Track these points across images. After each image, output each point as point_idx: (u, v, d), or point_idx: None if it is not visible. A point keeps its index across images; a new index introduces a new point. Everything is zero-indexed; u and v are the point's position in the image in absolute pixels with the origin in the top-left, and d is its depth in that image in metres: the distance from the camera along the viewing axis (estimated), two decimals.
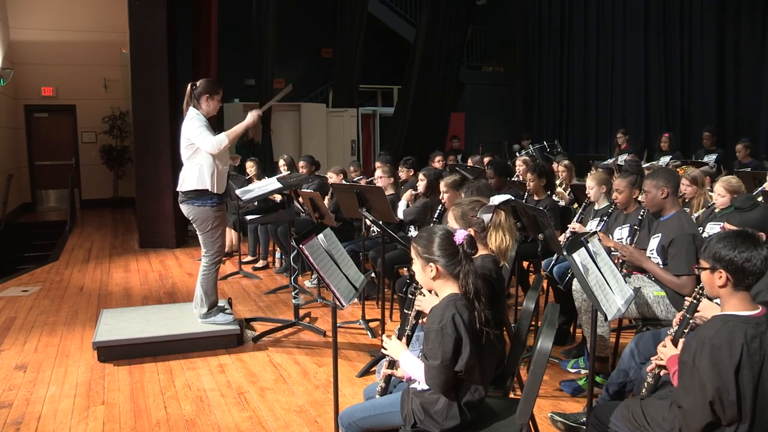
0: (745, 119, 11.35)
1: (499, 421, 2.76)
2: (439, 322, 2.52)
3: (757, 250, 2.46)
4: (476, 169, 7.69)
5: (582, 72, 14.56)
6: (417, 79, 13.99)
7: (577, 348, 4.83)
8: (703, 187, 5.96)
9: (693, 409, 2.44)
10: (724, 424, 2.44)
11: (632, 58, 13.31)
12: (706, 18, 11.86)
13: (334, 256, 3.39)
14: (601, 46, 14.06)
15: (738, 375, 2.39)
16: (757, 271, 2.46)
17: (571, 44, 14.83)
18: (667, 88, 12.72)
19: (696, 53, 12.13)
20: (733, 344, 2.40)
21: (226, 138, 4.91)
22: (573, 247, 3.11)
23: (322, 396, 4.27)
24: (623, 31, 13.51)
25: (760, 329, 2.45)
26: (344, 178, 7.61)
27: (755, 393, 2.41)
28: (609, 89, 13.95)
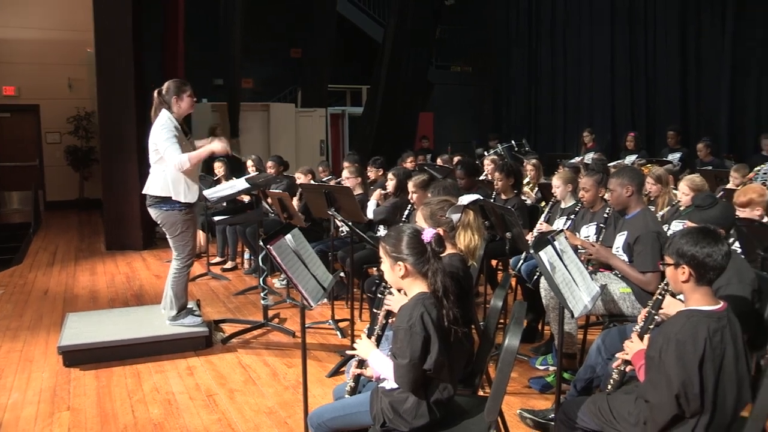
0: (707, 119, 11.57)
1: (468, 419, 2.78)
2: (408, 320, 2.52)
3: (718, 246, 2.52)
4: (445, 169, 7.72)
5: (549, 72, 14.71)
6: (386, 79, 13.99)
7: (546, 345, 4.87)
8: (668, 185, 6.06)
9: (660, 403, 2.49)
10: (688, 416, 2.49)
11: (598, 59, 13.50)
12: (669, 21, 12.10)
13: (302, 256, 3.37)
14: (568, 47, 14.23)
15: (701, 368, 2.44)
16: (718, 266, 2.52)
17: (538, 45, 14.97)
18: (632, 89, 12.92)
19: (660, 55, 12.35)
20: (697, 339, 2.45)
21: (188, 162, 4.80)
22: (540, 245, 3.14)
23: (292, 397, 4.25)
24: (590, 33, 13.68)
25: (722, 323, 2.51)
26: (313, 178, 7.59)
27: (716, 385, 2.47)
28: (576, 89, 14.12)
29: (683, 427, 2.52)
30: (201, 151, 4.95)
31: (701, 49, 11.68)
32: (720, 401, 2.50)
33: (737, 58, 10.98)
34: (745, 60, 10.91)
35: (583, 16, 13.85)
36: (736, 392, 2.53)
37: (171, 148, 4.77)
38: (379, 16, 16.50)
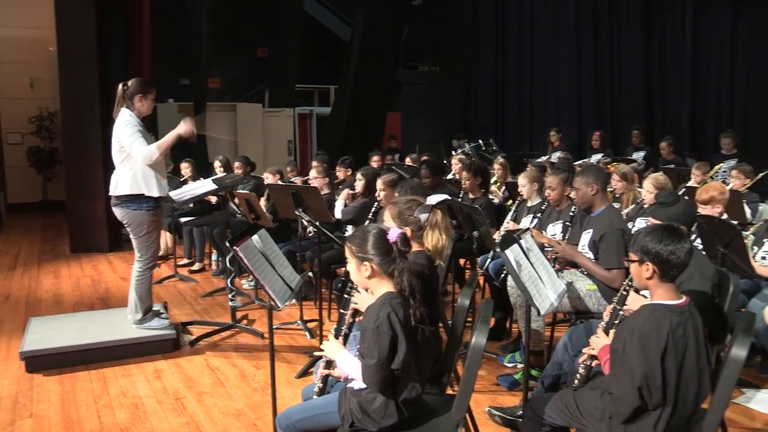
0: (670, 119, 11.78)
1: (436, 417, 2.78)
2: (375, 320, 2.52)
3: (681, 243, 2.56)
4: (413, 168, 7.74)
5: (516, 72, 14.83)
6: (353, 78, 13.99)
7: (514, 343, 4.91)
8: (633, 183, 6.15)
9: (623, 396, 2.53)
10: (650, 408, 2.54)
11: (564, 60, 13.65)
12: (632, 24, 12.31)
13: (269, 257, 3.36)
14: (534, 48, 14.36)
15: (664, 361, 2.49)
16: (681, 263, 2.57)
17: (505, 45, 15.08)
18: (597, 90, 13.09)
19: (624, 57, 12.55)
20: (660, 332, 2.49)
21: (157, 151, 4.77)
22: (506, 243, 3.16)
23: (261, 399, 4.23)
24: (555, 35, 13.83)
25: (684, 317, 2.56)
26: (281, 179, 7.55)
27: (678, 378, 2.52)
28: (542, 89, 14.26)
29: (646, 420, 2.56)
30: (168, 137, 4.90)
31: (664, 52, 11.88)
32: (682, 394, 2.55)
33: (697, 60, 11.20)
34: (705, 62, 11.13)
35: (549, 19, 14.00)
36: (697, 385, 2.58)
37: (137, 143, 4.73)
38: (347, 15, 16.48)
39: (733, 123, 10.38)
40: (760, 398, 4.20)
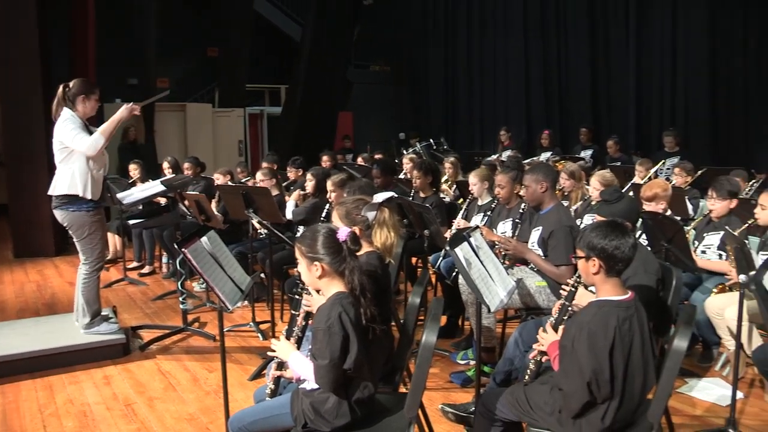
0: (616, 118, 12.05)
1: (389, 416, 2.80)
2: (326, 321, 2.52)
3: (625, 238, 2.62)
4: (364, 168, 7.75)
5: (467, 72, 14.96)
6: (305, 78, 13.93)
7: (466, 340, 4.95)
8: (581, 180, 6.27)
9: (573, 391, 2.58)
10: (599, 402, 2.60)
11: (513, 60, 13.85)
12: (579, 26, 12.57)
13: (218, 258, 3.32)
14: (484, 49, 14.51)
15: (612, 356, 2.55)
16: (626, 258, 2.63)
17: (456, 45, 15.20)
18: (546, 88, 13.32)
19: (572, 56, 12.80)
20: (607, 327, 2.55)
21: (102, 136, 4.65)
22: (455, 241, 3.19)
23: (214, 402, 4.18)
24: (504, 33, 14.00)
25: (630, 312, 2.62)
26: (231, 180, 7.48)
27: (625, 371, 2.59)
28: (492, 89, 14.42)
29: (595, 413, 2.62)
30: (110, 123, 4.75)
31: (609, 53, 12.19)
32: (628, 386, 2.61)
33: (641, 61, 11.49)
34: (648, 64, 11.43)
35: (498, 20, 14.17)
36: (642, 377, 2.65)
37: (79, 136, 4.61)
38: (298, 15, 16.39)
39: (675, 122, 10.68)
40: (701, 386, 4.33)
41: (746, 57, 10.09)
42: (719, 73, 10.42)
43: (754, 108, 10.08)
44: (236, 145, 14.60)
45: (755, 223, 4.42)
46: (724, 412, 3.84)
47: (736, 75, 10.22)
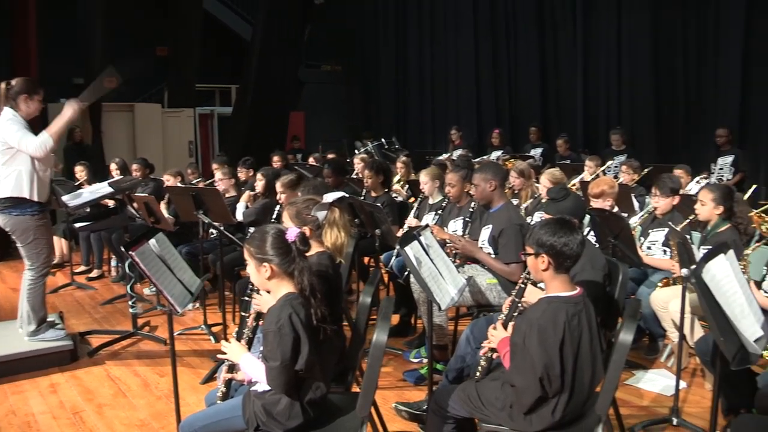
0: (565, 117, 12.24)
1: (342, 416, 2.80)
2: (277, 322, 2.51)
3: (574, 235, 2.67)
4: (316, 168, 7.73)
5: (418, 71, 15.01)
6: (255, 78, 13.81)
7: (419, 338, 4.98)
8: (530, 179, 6.36)
9: (525, 387, 2.62)
10: (550, 396, 2.64)
11: (464, 60, 13.92)
12: (528, 25, 12.70)
13: (167, 261, 3.28)
14: (435, 48, 14.57)
15: (562, 351, 2.59)
16: (574, 254, 2.68)
17: (406, 44, 15.23)
18: (496, 88, 13.44)
19: (521, 56, 12.94)
20: (557, 323, 2.60)
21: (50, 137, 4.48)
22: (406, 240, 3.21)
23: (165, 407, 4.12)
24: (455, 33, 14.08)
25: (578, 308, 2.68)
26: (182, 181, 7.38)
27: (575, 365, 2.64)
28: (443, 89, 14.49)
29: (545, 408, 2.66)
30: (58, 122, 4.57)
31: (557, 53, 12.36)
32: (578, 380, 2.67)
33: (588, 61, 11.68)
34: (595, 63, 11.63)
35: (449, 20, 14.23)
36: (591, 370, 2.70)
37: (25, 137, 4.44)
38: (248, 14, 16.23)
39: (622, 121, 10.89)
40: (647, 378, 4.45)
41: (686, 58, 10.38)
42: (662, 73, 10.67)
43: (695, 107, 10.37)
44: (186, 146, 14.40)
45: (696, 219, 4.55)
46: (669, 401, 3.95)
47: (678, 75, 10.50)
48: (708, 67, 10.10)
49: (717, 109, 9.91)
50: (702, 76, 10.22)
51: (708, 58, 10.10)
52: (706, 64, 10.13)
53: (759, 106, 9.40)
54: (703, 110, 10.21)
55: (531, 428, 2.69)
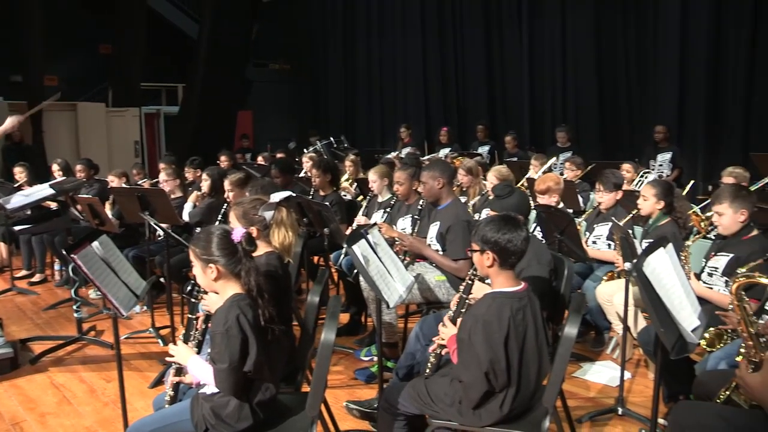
0: (512, 114, 12.41)
1: (292, 416, 2.79)
2: (224, 324, 2.49)
3: (518, 231, 2.72)
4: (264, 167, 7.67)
5: (366, 70, 15.03)
6: (202, 76, 13.64)
7: (369, 336, 4.99)
8: (478, 176, 6.43)
9: (472, 382, 2.65)
10: (497, 391, 2.69)
11: (412, 58, 14.00)
12: (474, 24, 12.83)
13: (111, 263, 3.22)
14: (383, 47, 14.61)
15: (507, 345, 2.64)
16: (518, 250, 2.72)
17: (354, 43, 15.24)
18: (444, 86, 13.54)
19: (468, 55, 13.07)
20: (501, 318, 2.64)
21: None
22: (353, 239, 3.21)
23: (112, 413, 4.03)
24: (403, 32, 14.14)
25: (523, 303, 2.72)
26: (127, 181, 7.24)
27: (520, 360, 2.69)
28: (392, 87, 14.54)
29: (493, 402, 2.70)
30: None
31: (503, 51, 12.53)
32: (524, 374, 2.72)
33: (533, 59, 11.87)
34: (540, 62, 11.83)
35: (396, 19, 14.28)
36: (537, 364, 2.76)
37: None
38: (194, 11, 15.99)
39: (567, 118, 11.10)
40: (594, 370, 4.55)
41: (628, 57, 10.64)
42: (605, 72, 10.92)
43: (637, 105, 10.63)
44: (132, 146, 14.13)
45: (638, 214, 4.66)
46: (615, 392, 4.04)
47: (620, 74, 10.76)
48: (648, 66, 10.40)
49: (657, 107, 10.21)
50: (642, 75, 10.50)
51: (648, 58, 10.39)
52: (646, 63, 10.42)
53: (696, 104, 9.71)
54: (644, 108, 10.50)
55: (480, 423, 2.73)
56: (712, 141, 9.59)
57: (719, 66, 9.47)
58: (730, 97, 9.44)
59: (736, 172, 5.67)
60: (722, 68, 9.46)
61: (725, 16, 9.36)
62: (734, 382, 2.59)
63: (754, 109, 9.18)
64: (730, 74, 9.40)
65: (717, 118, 9.56)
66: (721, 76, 9.48)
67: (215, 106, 13.77)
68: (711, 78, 9.51)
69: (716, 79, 9.50)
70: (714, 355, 3.31)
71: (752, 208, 3.83)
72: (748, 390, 2.37)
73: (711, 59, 9.47)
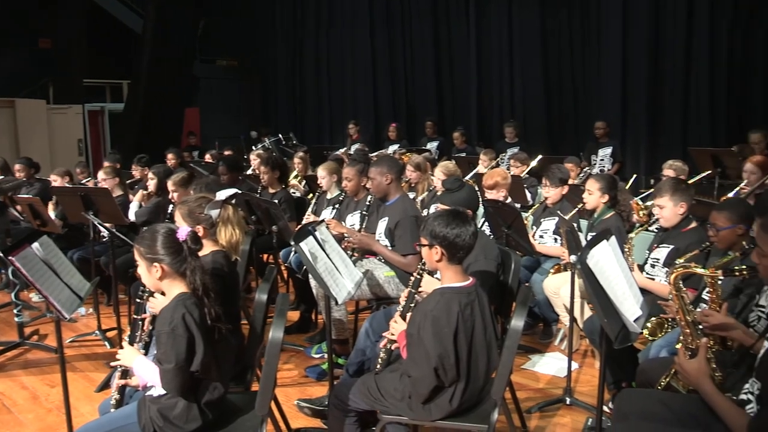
0: (460, 110, 12.51)
1: (242, 415, 2.78)
2: (170, 323, 2.46)
3: (466, 226, 2.74)
4: (211, 165, 7.57)
5: (314, 66, 14.95)
6: (147, 73, 13.38)
7: (320, 334, 4.97)
8: (426, 172, 6.45)
9: (421, 377, 2.67)
10: (446, 385, 2.71)
11: (360, 55, 13.98)
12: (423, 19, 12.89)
13: (53, 265, 3.14)
14: (331, 43, 14.56)
15: (456, 340, 2.66)
16: (466, 245, 2.75)
17: (303, 39, 15.15)
18: (393, 82, 13.57)
19: (417, 51, 13.12)
20: (450, 313, 2.66)
21: None
22: (300, 236, 3.20)
23: (56, 420, 3.93)
24: (351, 27, 14.11)
25: (471, 297, 2.75)
26: (71, 181, 7.05)
27: (469, 354, 2.71)
28: (340, 83, 14.50)
29: (443, 396, 2.73)
30: None
31: (451, 48, 12.62)
32: (473, 368, 2.75)
33: (481, 57, 11.98)
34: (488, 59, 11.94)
35: (346, 15, 14.24)
36: (486, 358, 2.79)
37: None
38: (138, 5, 15.65)
39: (515, 114, 11.24)
40: (543, 361, 4.63)
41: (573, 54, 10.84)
42: (551, 69, 11.09)
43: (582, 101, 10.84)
44: (76, 144, 13.78)
45: (584, 207, 4.76)
46: (563, 382, 4.12)
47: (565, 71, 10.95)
48: (592, 63, 10.64)
49: (600, 103, 10.43)
50: (587, 72, 10.73)
51: (592, 55, 10.63)
52: (591, 60, 10.65)
53: (638, 101, 9.96)
54: (589, 104, 10.71)
55: (430, 417, 2.75)
56: (653, 136, 9.84)
57: (659, 64, 9.74)
58: (668, 94, 9.71)
59: (676, 165, 5.83)
60: (661, 66, 9.74)
61: (663, 15, 9.62)
62: (673, 369, 2.67)
63: (691, 105, 9.46)
64: (669, 72, 9.68)
65: (657, 114, 9.82)
66: (661, 74, 9.75)
67: (161, 103, 13.53)
68: (651, 75, 9.76)
69: (656, 76, 9.77)
70: (656, 344, 3.41)
71: (691, 201, 3.95)
72: (685, 376, 2.45)
73: (651, 57, 9.73)
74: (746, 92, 9.11)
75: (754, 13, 8.91)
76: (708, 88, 9.25)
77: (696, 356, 2.44)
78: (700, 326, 2.76)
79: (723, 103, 9.19)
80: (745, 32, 9.01)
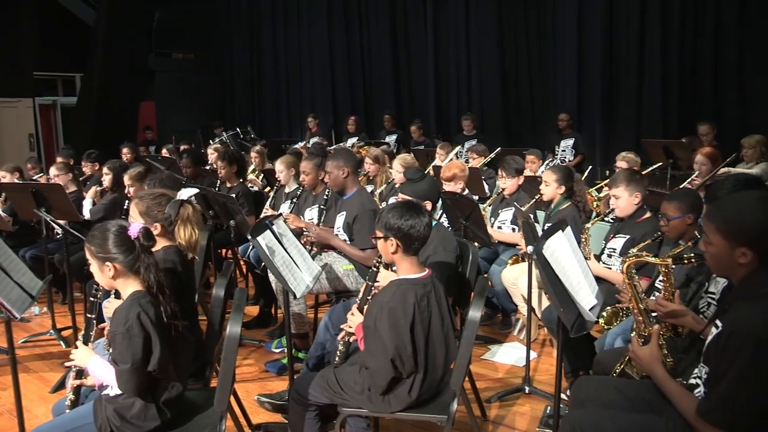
0: (418, 103, 12.55)
1: (201, 412, 2.75)
2: (125, 323, 2.41)
3: (420, 218, 2.76)
4: (168, 160, 7.46)
5: (272, 59, 14.84)
6: (101, 66, 13.13)
7: (280, 328, 4.95)
8: (384, 165, 6.47)
9: (379, 369, 2.69)
10: (404, 377, 2.73)
11: (317, 48, 13.92)
12: (380, 12, 12.89)
13: (2, 263, 3.06)
14: (288, 36, 14.45)
15: (413, 331, 2.68)
16: (421, 236, 2.77)
17: (260, 32, 15.02)
18: (351, 75, 13.54)
19: (374, 45, 13.12)
20: (406, 305, 2.68)
21: None
22: (258, 230, 3.18)
23: (8, 423, 3.83)
24: (308, 21, 14.04)
25: (427, 289, 2.77)
26: (20, 177, 6.88)
27: (427, 345, 2.73)
28: (298, 76, 14.42)
29: (401, 388, 2.75)
30: None
31: (409, 42, 12.65)
32: (431, 359, 2.77)
33: (438, 50, 12.02)
34: (445, 52, 11.99)
35: (302, 8, 14.15)
36: (444, 349, 2.81)
37: None
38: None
39: (472, 107, 11.31)
40: (502, 352, 4.69)
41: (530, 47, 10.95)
42: (508, 61, 11.17)
43: (539, 94, 10.96)
44: (26, 139, 13.45)
45: (541, 198, 4.82)
46: (522, 371, 4.18)
47: (522, 64, 11.05)
48: (548, 57, 10.76)
49: (557, 97, 10.57)
50: (544, 64, 10.85)
51: (548, 49, 10.74)
52: (547, 54, 10.76)
53: (592, 93, 10.10)
54: (546, 98, 10.84)
55: (390, 409, 2.77)
56: (607, 128, 10.00)
57: (613, 58, 9.89)
58: (622, 88, 9.87)
59: (628, 157, 5.94)
60: (615, 60, 9.89)
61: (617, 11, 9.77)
62: (627, 356, 2.72)
63: (644, 98, 9.64)
64: (622, 66, 9.83)
65: (612, 107, 9.98)
66: (615, 68, 9.90)
67: (115, 96, 13.31)
68: (606, 69, 9.90)
69: (610, 70, 9.92)
70: (611, 332, 3.48)
71: (645, 191, 4.03)
72: (638, 362, 2.50)
73: (605, 51, 9.86)
74: (696, 85, 9.30)
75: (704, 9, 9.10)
76: (660, 82, 9.42)
77: (648, 343, 2.50)
78: (653, 314, 2.83)
79: (675, 96, 9.37)
80: (695, 28, 9.20)
